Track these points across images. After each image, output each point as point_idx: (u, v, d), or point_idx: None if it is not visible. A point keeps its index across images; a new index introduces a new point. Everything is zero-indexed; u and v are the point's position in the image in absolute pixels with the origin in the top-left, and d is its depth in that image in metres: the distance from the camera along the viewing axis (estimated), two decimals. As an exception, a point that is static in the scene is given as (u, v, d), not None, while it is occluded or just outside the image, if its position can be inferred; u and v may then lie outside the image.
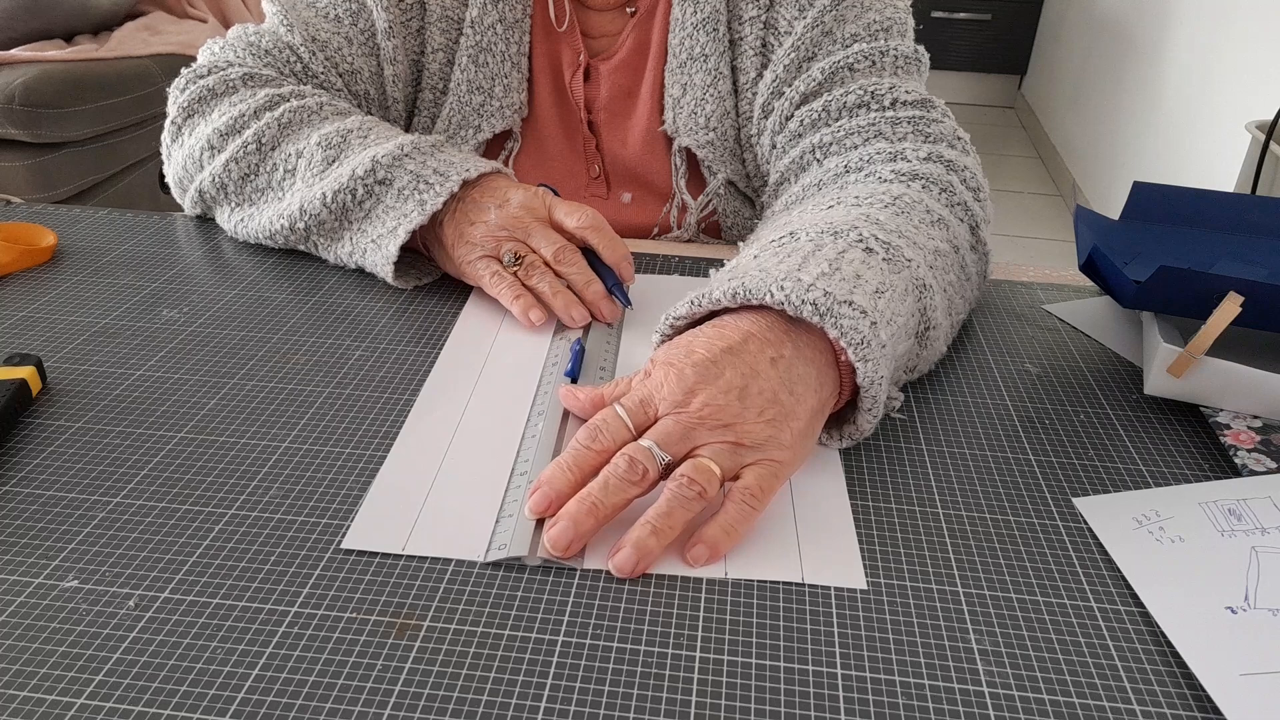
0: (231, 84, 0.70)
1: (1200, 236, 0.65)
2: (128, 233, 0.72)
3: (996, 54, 3.62)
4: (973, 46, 3.59)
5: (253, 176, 0.67)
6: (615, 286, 0.61)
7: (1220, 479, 0.48)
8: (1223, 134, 1.95)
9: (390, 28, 0.73)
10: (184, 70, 0.72)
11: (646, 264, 0.70)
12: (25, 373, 0.51)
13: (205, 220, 0.74)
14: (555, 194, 0.65)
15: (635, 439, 0.45)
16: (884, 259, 0.51)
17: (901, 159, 0.63)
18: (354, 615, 0.39)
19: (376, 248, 0.62)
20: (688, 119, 0.74)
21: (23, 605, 0.39)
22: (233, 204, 0.69)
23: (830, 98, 0.68)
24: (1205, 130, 2.05)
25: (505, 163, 0.78)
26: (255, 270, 0.67)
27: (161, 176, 2.01)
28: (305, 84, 0.73)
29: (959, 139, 0.66)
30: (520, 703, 0.36)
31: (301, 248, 0.68)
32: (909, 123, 0.66)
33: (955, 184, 0.61)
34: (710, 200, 0.76)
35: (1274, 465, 0.48)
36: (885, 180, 0.61)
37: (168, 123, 0.72)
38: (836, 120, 0.68)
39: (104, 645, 0.37)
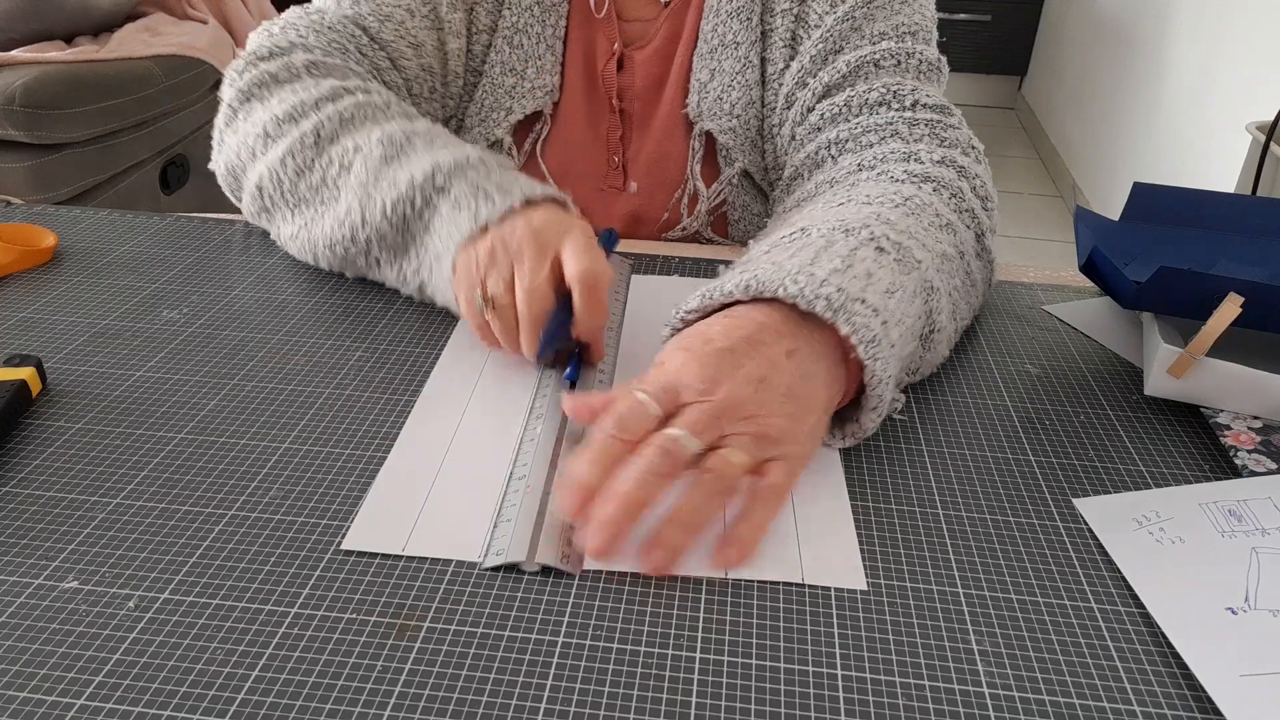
0: (295, 70, 0.66)
1: (1200, 237, 0.65)
2: (128, 233, 0.72)
3: (996, 55, 3.62)
4: (973, 47, 3.59)
5: (307, 172, 0.62)
6: (566, 359, 0.55)
7: (1220, 480, 0.48)
8: (1223, 135, 1.95)
9: (453, 1, 0.73)
10: (240, 54, 0.69)
11: (647, 265, 0.70)
12: (25, 374, 0.51)
13: (205, 221, 0.74)
14: (614, 237, 0.65)
15: (661, 428, 0.43)
16: (895, 259, 0.51)
17: (915, 160, 0.62)
18: (354, 616, 0.39)
19: (438, 264, 0.57)
20: (713, 104, 0.74)
21: (23, 606, 0.39)
22: (290, 206, 0.64)
23: (853, 93, 0.68)
24: (1205, 131, 2.05)
25: (533, 147, 0.77)
26: (256, 271, 0.67)
27: (164, 175, 2.01)
28: (371, 61, 0.71)
29: (973, 148, 0.66)
30: (520, 703, 0.36)
31: (363, 267, 0.63)
32: (926, 125, 0.65)
33: (965, 190, 0.61)
34: (722, 190, 0.76)
35: (1274, 466, 0.48)
36: (898, 180, 0.60)
37: (223, 106, 0.68)
38: (856, 116, 0.68)
39: (104, 646, 0.37)
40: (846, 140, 0.67)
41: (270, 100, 0.65)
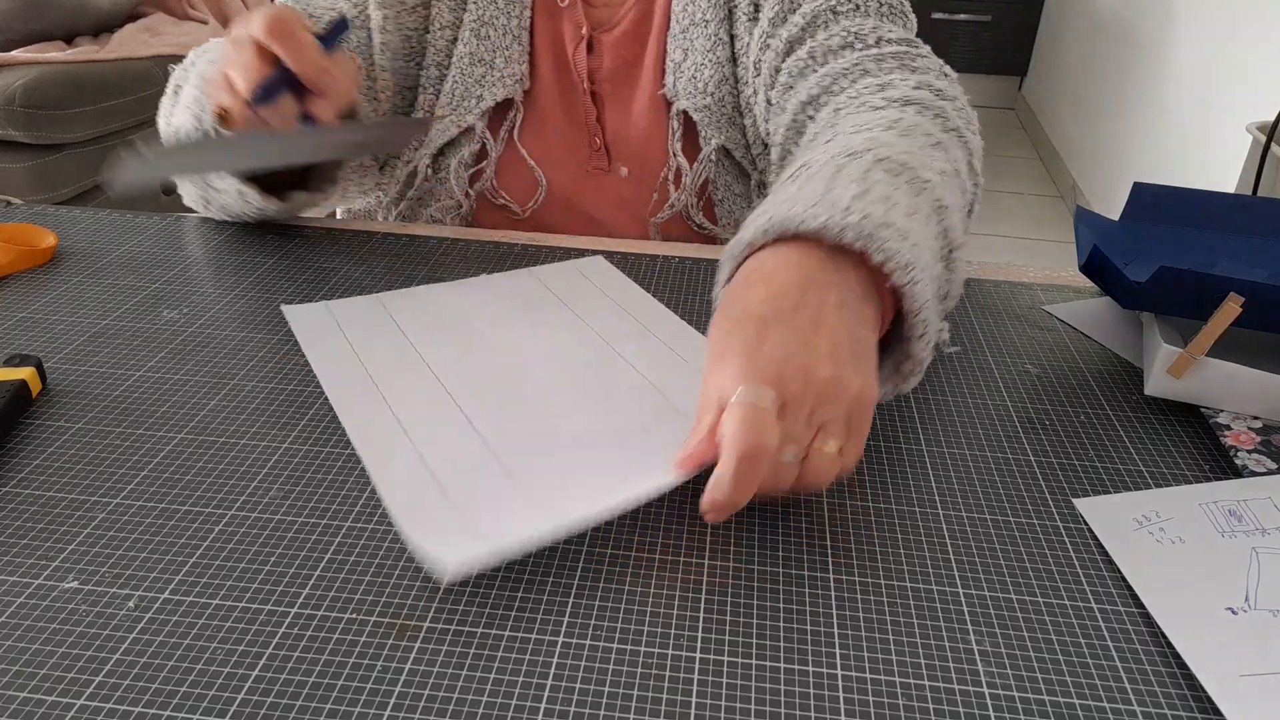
0: (206, 49, 0.72)
1: (1200, 237, 0.65)
2: (128, 233, 0.72)
3: (997, 55, 3.62)
4: (973, 47, 3.59)
5: (173, 100, 0.70)
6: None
7: (1221, 480, 0.48)
8: (1223, 135, 1.95)
9: None
10: None
11: (648, 265, 0.70)
12: (25, 374, 0.51)
13: (205, 221, 0.74)
14: (342, 25, 0.65)
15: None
16: (906, 181, 0.49)
17: (890, 88, 0.61)
18: (354, 616, 0.39)
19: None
20: (688, 83, 0.76)
21: (23, 606, 0.39)
22: (173, 150, 0.69)
23: (815, 43, 0.68)
24: (1206, 131, 2.05)
25: (509, 134, 0.79)
26: (255, 270, 0.67)
27: (162, 177, 2.01)
28: None
29: (946, 75, 0.65)
30: (520, 703, 0.36)
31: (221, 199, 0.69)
32: (894, 58, 0.65)
33: (948, 110, 0.59)
34: (704, 168, 0.77)
35: (1274, 466, 0.48)
36: (878, 107, 0.59)
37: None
38: (822, 66, 0.67)
39: (104, 646, 0.37)
40: (819, 95, 0.66)
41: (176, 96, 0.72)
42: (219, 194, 0.69)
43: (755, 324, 0.43)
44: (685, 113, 0.77)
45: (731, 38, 0.76)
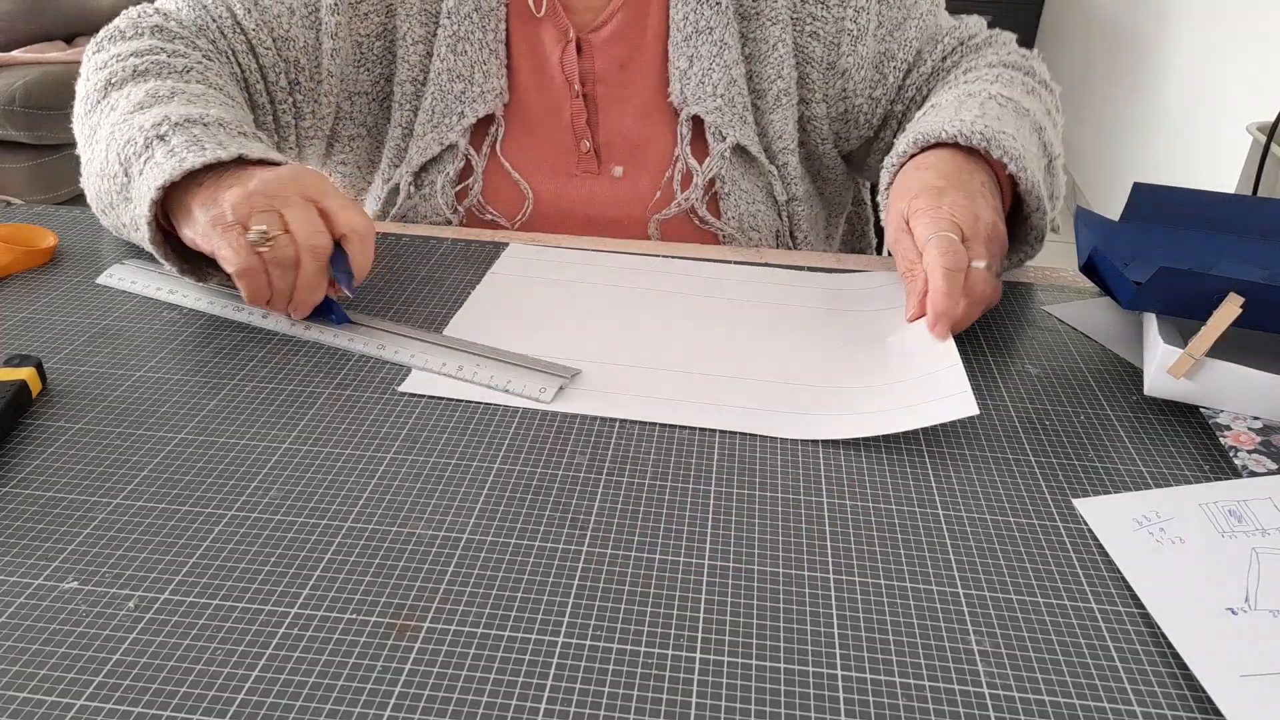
0: (140, 30, 0.70)
1: (1200, 237, 0.65)
2: (128, 234, 0.72)
3: (997, 55, 3.61)
4: (973, 47, 3.59)
5: (93, 113, 0.65)
6: (343, 282, 0.57)
7: (1221, 480, 0.48)
8: (1223, 136, 1.95)
9: (337, 3, 0.75)
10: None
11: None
12: (25, 374, 0.51)
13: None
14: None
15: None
16: (1012, 111, 0.67)
17: (987, 60, 0.77)
18: (354, 616, 0.39)
19: (140, 207, 0.57)
20: (696, 89, 0.76)
21: (23, 606, 0.39)
22: (82, 145, 0.66)
23: (932, 57, 0.79)
24: (1206, 132, 2.05)
25: (491, 147, 0.79)
26: (255, 271, 0.67)
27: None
28: (229, 42, 0.73)
29: (1025, 56, 0.78)
30: (520, 703, 0.36)
31: (115, 221, 0.64)
32: (985, 44, 0.80)
33: (1034, 67, 0.77)
34: (714, 165, 0.77)
35: (1274, 466, 0.48)
36: (980, 68, 0.75)
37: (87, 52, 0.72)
38: (940, 63, 0.80)
39: (104, 646, 0.37)
40: (936, 88, 0.79)
41: (107, 49, 0.69)
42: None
43: (934, 191, 0.59)
44: (696, 116, 0.77)
45: (745, 38, 0.77)
